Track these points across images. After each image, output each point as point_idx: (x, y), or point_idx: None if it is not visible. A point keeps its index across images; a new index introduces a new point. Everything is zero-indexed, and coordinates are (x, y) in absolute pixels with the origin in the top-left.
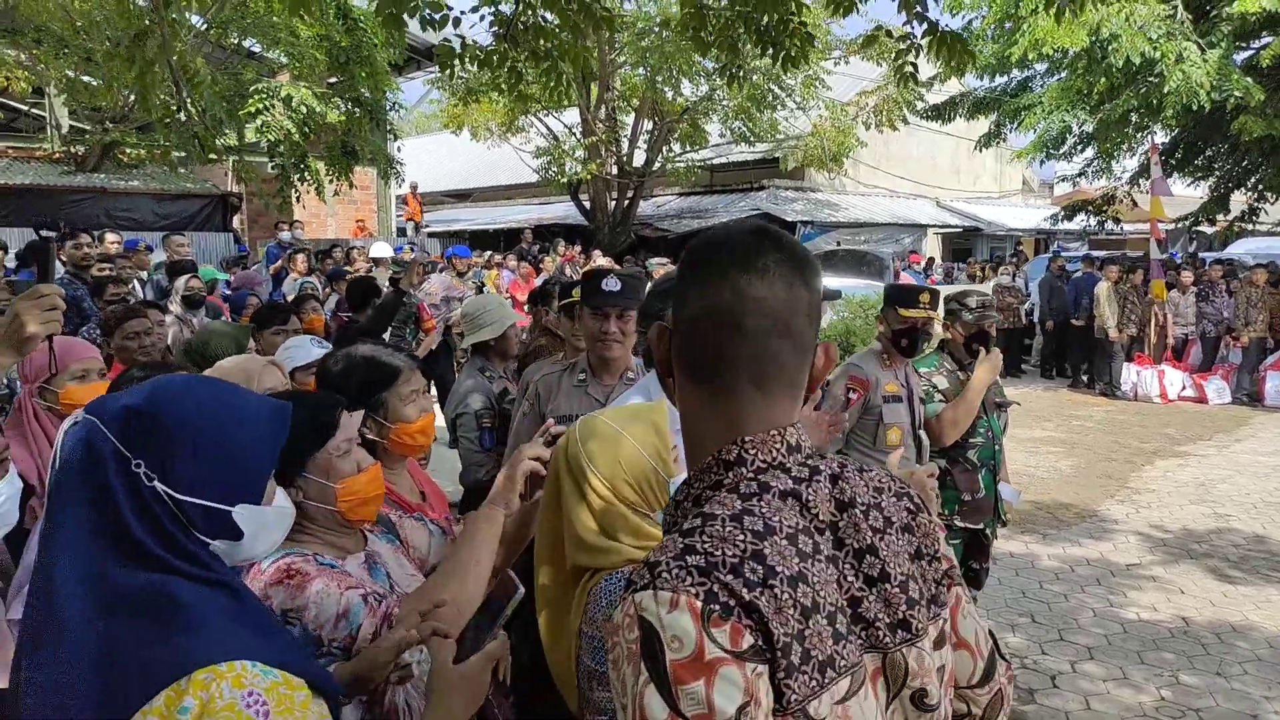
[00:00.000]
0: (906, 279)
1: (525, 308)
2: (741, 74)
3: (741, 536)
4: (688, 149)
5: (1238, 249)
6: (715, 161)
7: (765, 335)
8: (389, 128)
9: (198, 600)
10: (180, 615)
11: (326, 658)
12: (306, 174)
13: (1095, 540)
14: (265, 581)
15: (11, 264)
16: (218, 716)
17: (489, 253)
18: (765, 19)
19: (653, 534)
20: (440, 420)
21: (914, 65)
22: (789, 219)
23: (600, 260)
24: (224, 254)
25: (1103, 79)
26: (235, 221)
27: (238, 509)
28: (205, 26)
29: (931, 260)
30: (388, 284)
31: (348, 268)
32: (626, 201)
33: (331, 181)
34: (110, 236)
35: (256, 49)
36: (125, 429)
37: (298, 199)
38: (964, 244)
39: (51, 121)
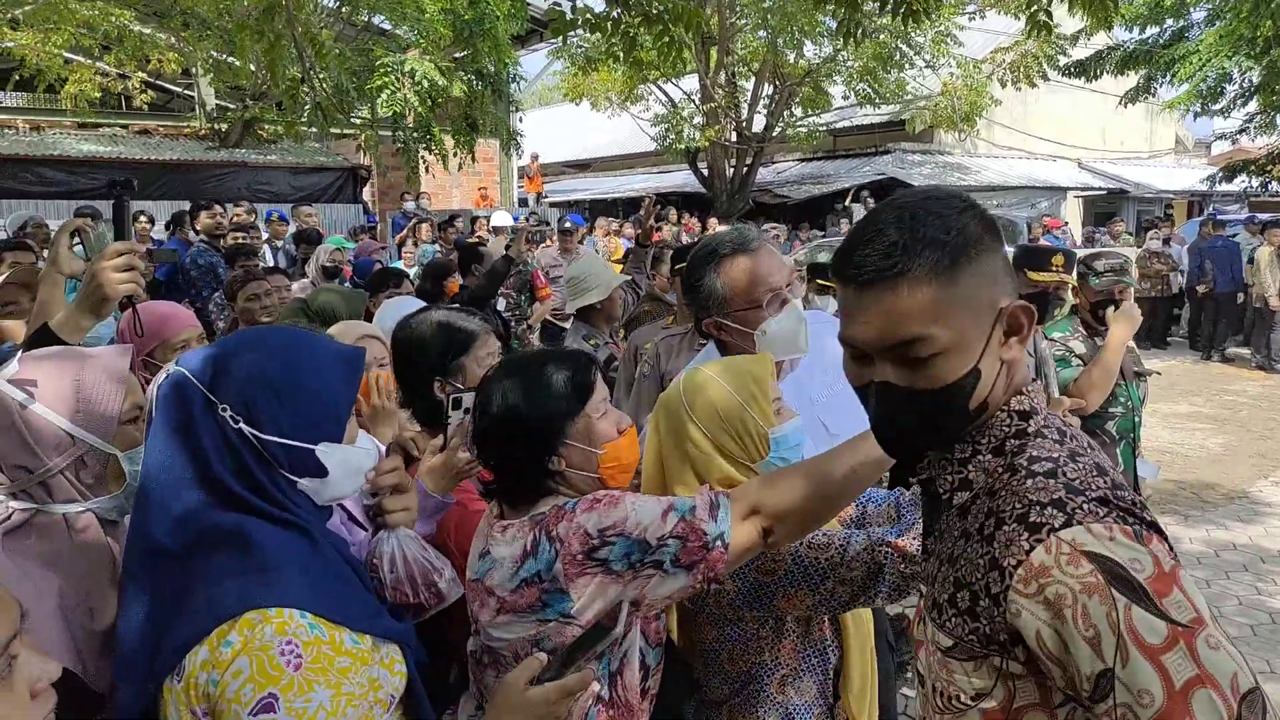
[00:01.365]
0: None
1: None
2: (861, 32)
3: (1094, 473)
4: (810, 113)
5: None
6: (838, 125)
7: None
8: (510, 100)
9: (272, 543)
10: (251, 557)
11: (657, 566)
12: (432, 145)
13: (1245, 524)
14: (578, 511)
15: (161, 235)
16: (252, 655)
17: (611, 219)
18: None
19: None
20: None
21: (1048, 14)
22: (915, 184)
23: (719, 227)
24: (353, 225)
25: (1269, 21)
26: (366, 193)
27: (320, 447)
28: (336, 4)
29: (1065, 225)
30: (501, 250)
31: (471, 238)
32: (745, 168)
33: (455, 154)
34: (235, 208)
35: (386, 26)
36: (211, 377)
37: (426, 169)
38: (1108, 208)
39: (199, 100)
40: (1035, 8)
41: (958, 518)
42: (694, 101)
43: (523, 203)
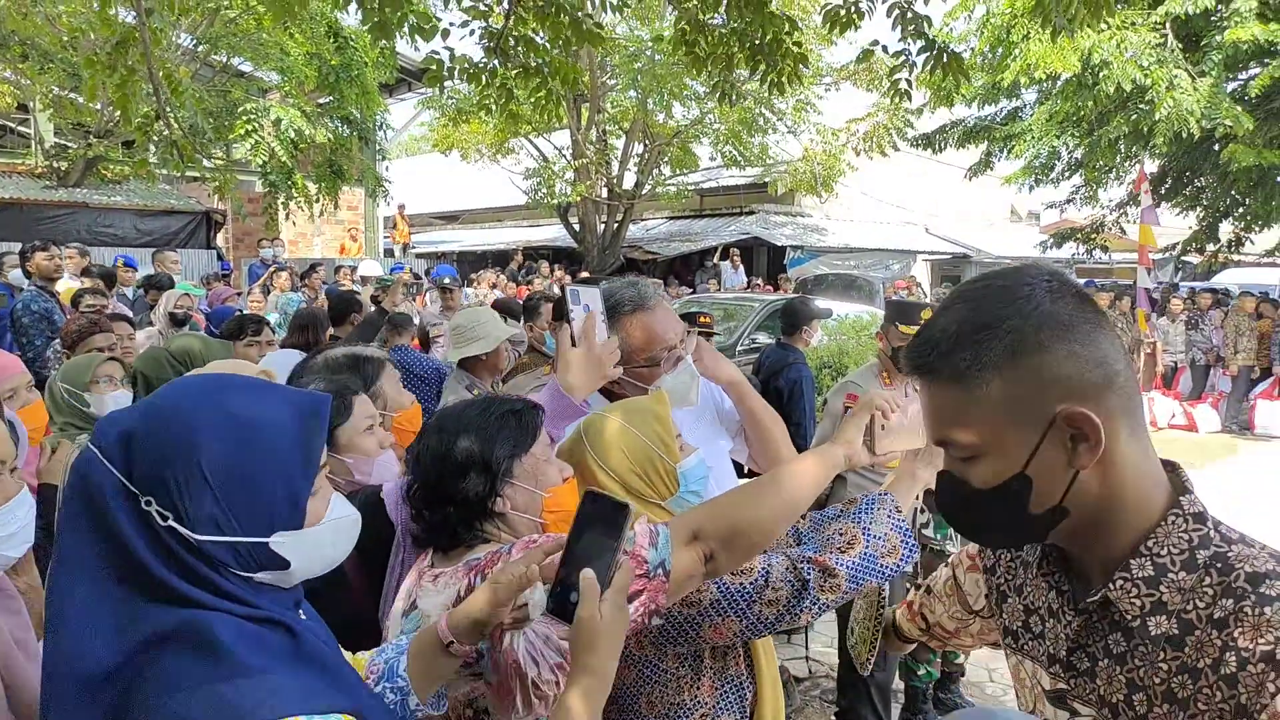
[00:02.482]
0: None
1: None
2: (735, 93)
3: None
4: (678, 172)
5: (1224, 279)
6: (705, 185)
7: None
8: (378, 148)
9: (242, 643)
10: (222, 661)
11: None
12: (294, 191)
13: None
14: (514, 552)
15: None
16: None
17: (496, 270)
18: (760, 36)
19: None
20: None
21: (909, 83)
22: (779, 243)
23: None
24: (205, 272)
25: (1091, 104)
26: (219, 239)
27: (275, 538)
28: (194, 44)
29: (917, 285)
30: (370, 302)
31: (340, 285)
32: (616, 224)
33: (318, 201)
34: (69, 250)
35: (246, 68)
36: (128, 458)
37: (286, 217)
38: (953, 271)
39: (35, 136)
40: (897, 77)
41: (1167, 648)
42: (565, 157)
43: (389, 253)
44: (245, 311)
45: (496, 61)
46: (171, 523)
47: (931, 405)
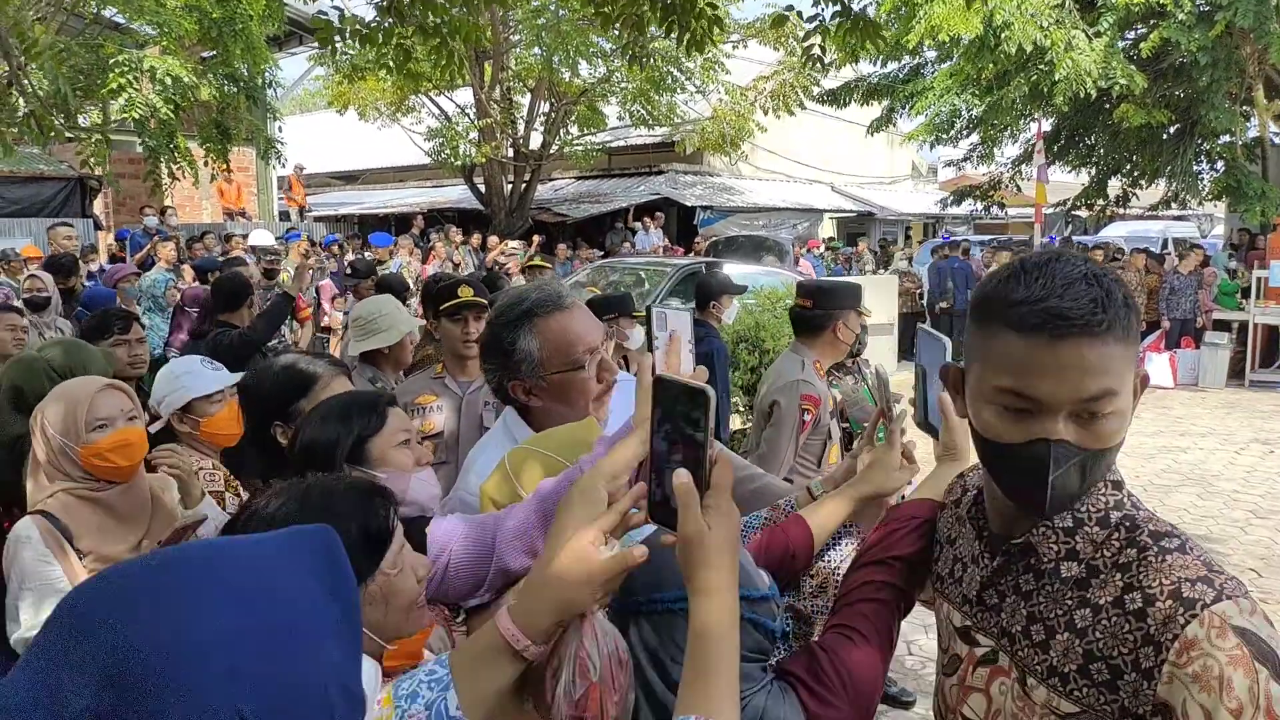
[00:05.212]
0: (806, 265)
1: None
2: (644, 53)
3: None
4: (585, 132)
5: (1110, 232)
6: (613, 145)
7: None
8: (268, 106)
9: None
10: None
11: None
12: (177, 154)
13: None
14: None
15: None
16: None
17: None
18: None
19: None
20: None
21: (822, 48)
22: (688, 203)
23: (506, 246)
24: (84, 243)
25: (991, 65)
26: (97, 206)
27: None
28: None
29: (835, 245)
30: (260, 275)
31: (222, 257)
32: (524, 185)
33: (206, 163)
34: None
35: (120, 20)
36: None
37: (171, 181)
38: (859, 228)
39: None
40: (810, 43)
41: (1074, 588)
42: (469, 116)
43: (284, 216)
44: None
45: (391, 20)
46: None
47: (1100, 363)
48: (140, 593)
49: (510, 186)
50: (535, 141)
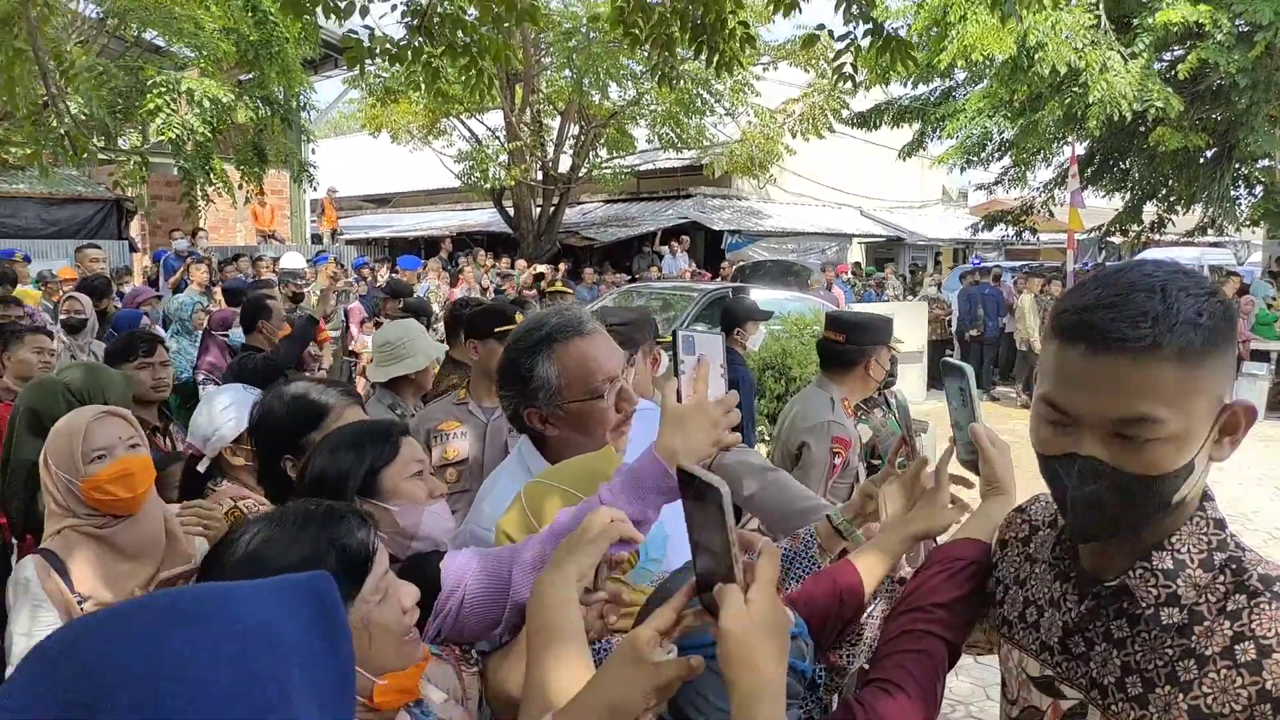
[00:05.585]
0: (837, 291)
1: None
2: (675, 74)
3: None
4: (614, 155)
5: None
6: (642, 168)
7: None
8: (302, 129)
9: None
10: None
11: None
12: (213, 175)
13: None
14: None
15: None
16: None
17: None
18: (702, 16)
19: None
20: None
21: (854, 66)
22: (716, 227)
23: (530, 270)
24: (118, 265)
25: (1024, 86)
26: (133, 228)
27: None
28: (100, 15)
29: (869, 271)
30: (287, 299)
31: (253, 278)
32: (552, 208)
33: (241, 186)
34: None
35: (160, 43)
36: None
37: (206, 203)
38: (887, 253)
39: None
40: (841, 61)
41: (1175, 635)
42: (499, 139)
43: (316, 239)
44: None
45: (420, 40)
46: None
47: (1137, 383)
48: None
49: (539, 210)
50: (564, 165)
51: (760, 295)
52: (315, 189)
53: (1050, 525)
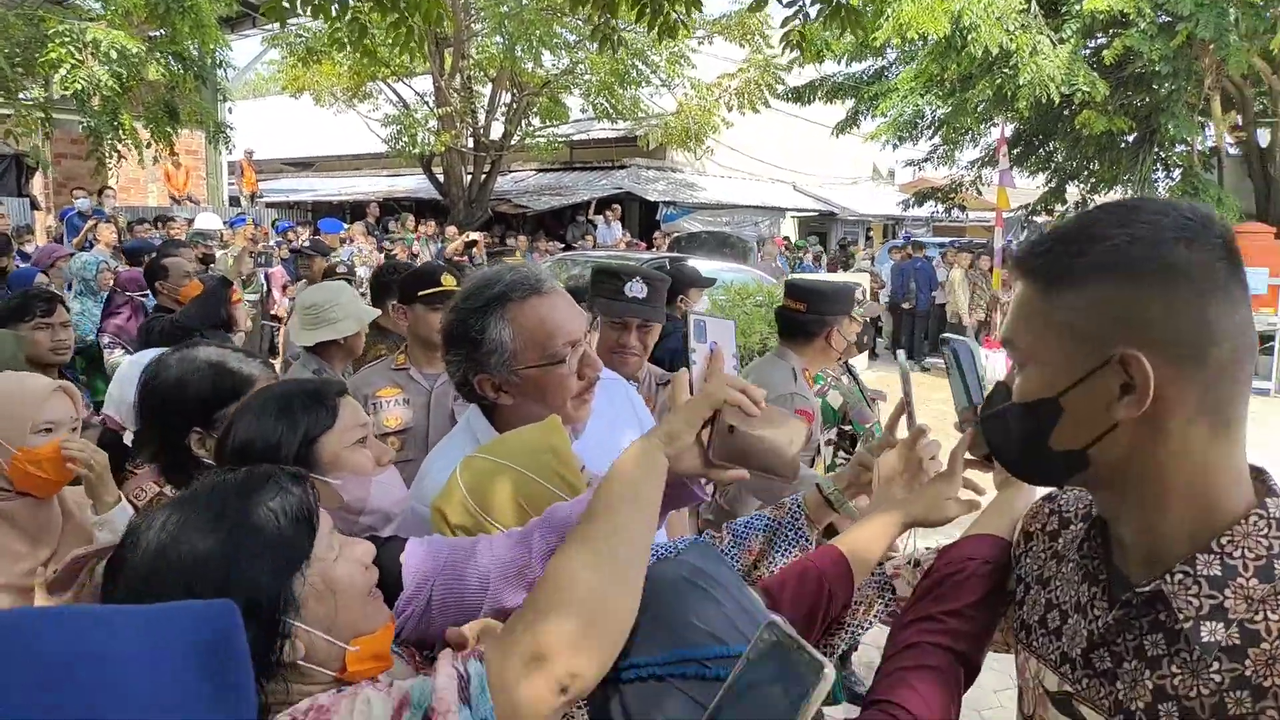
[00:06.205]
0: (779, 265)
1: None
2: (616, 38)
3: None
4: (547, 124)
5: None
6: (576, 138)
7: None
8: (218, 88)
9: None
10: None
11: None
12: (122, 133)
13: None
14: None
15: None
16: None
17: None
18: None
19: None
20: None
21: (801, 33)
22: (651, 198)
23: (463, 237)
24: (19, 223)
25: (956, 66)
26: (35, 185)
27: None
28: None
29: (800, 244)
30: (197, 261)
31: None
32: (483, 176)
33: (150, 145)
34: None
35: None
36: None
37: (116, 161)
38: (820, 228)
39: None
40: (789, 28)
41: (1225, 659)
42: (428, 104)
43: (234, 202)
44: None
45: None
46: None
47: (1015, 302)
48: None
49: (470, 177)
50: (496, 132)
51: (699, 266)
52: (232, 151)
53: (1084, 518)
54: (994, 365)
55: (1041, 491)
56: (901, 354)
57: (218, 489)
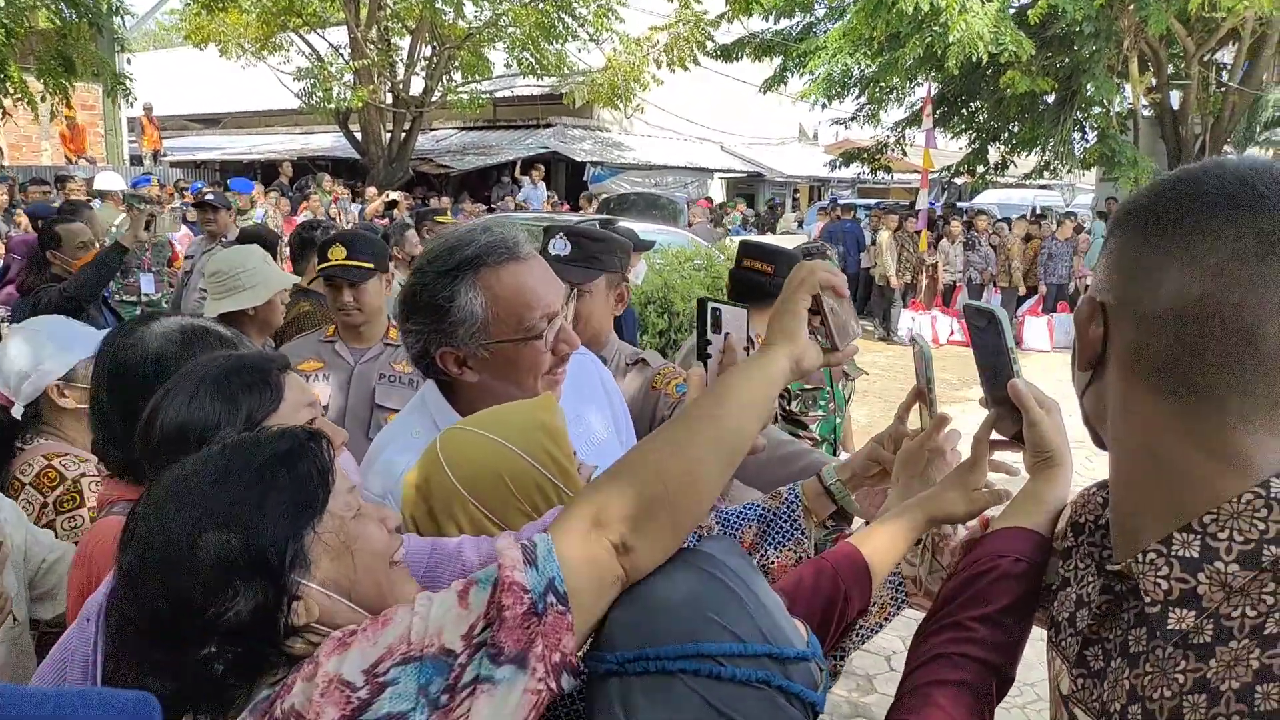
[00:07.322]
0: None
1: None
2: None
3: None
4: (470, 79)
5: (983, 200)
6: (500, 94)
7: None
8: (116, 37)
9: None
10: None
11: (477, 682)
12: (10, 85)
13: None
14: (323, 659)
15: None
16: None
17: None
18: None
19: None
20: None
21: None
22: (578, 158)
23: (383, 197)
24: None
25: (885, 24)
26: None
27: None
28: None
29: (722, 205)
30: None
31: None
32: (404, 134)
33: (44, 99)
34: None
35: None
36: None
37: (3, 116)
38: (747, 189)
39: None
40: None
41: (1192, 657)
42: (343, 56)
43: (136, 160)
44: None
45: None
46: None
47: None
48: None
49: (389, 135)
50: (416, 87)
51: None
52: (132, 105)
53: None
54: (920, 327)
55: (1073, 482)
56: (921, 334)
57: (228, 446)
